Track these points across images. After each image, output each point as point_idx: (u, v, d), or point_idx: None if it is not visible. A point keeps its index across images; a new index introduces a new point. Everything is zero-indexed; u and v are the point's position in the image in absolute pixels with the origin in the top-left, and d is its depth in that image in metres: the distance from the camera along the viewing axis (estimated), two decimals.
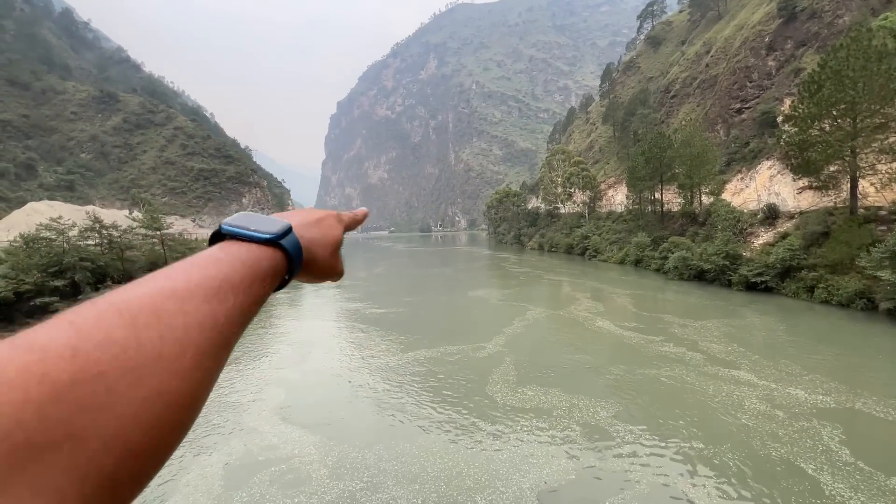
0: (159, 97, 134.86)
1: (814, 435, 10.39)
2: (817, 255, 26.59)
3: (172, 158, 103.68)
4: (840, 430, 10.56)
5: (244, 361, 17.99)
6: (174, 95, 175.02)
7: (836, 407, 11.81)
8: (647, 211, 53.65)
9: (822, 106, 26.35)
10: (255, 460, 10.31)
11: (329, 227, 0.77)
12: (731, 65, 53.16)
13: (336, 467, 9.87)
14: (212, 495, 9.03)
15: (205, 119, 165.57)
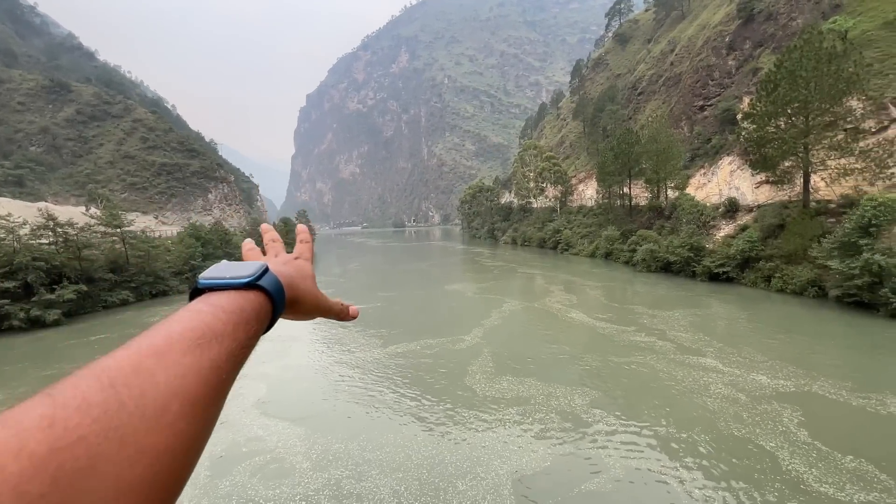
0: (116, 87, 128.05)
1: (774, 417, 11.04)
2: (774, 247, 28.07)
3: (132, 152, 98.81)
4: (799, 412, 11.24)
5: None
6: (132, 86, 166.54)
7: (795, 391, 12.56)
8: (616, 205, 55.12)
9: (778, 104, 27.71)
10: (240, 451, 10.35)
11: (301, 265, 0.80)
12: (694, 63, 55.08)
13: (320, 458, 9.97)
14: (197, 486, 9.04)
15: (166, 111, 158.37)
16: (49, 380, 9.60)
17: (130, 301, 32.23)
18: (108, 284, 31.50)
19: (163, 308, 30.34)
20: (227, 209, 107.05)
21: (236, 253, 41.29)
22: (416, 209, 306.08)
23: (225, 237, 47.36)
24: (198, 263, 39.97)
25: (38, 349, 21.04)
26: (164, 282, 35.91)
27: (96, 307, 29.76)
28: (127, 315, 28.64)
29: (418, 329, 21.50)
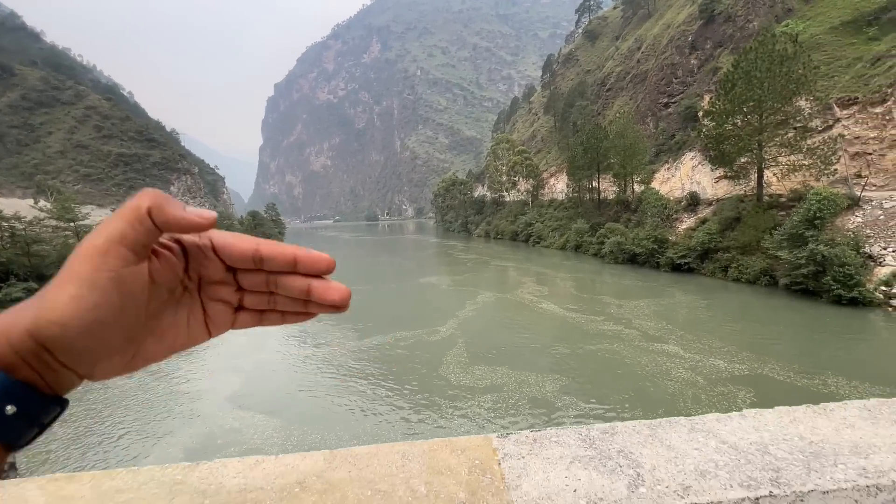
0: (65, 72, 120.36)
1: (729, 398, 11.82)
2: (731, 239, 29.63)
3: (85, 142, 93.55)
4: (752, 393, 12.05)
5: (195, 353, 17.40)
6: (84, 70, 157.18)
7: (749, 374, 13.40)
8: (585, 199, 56.54)
9: (735, 103, 29.12)
10: (215, 444, 10.38)
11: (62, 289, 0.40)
12: (659, 61, 56.89)
13: (297, 449, 9.92)
14: None
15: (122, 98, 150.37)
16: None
17: None
18: None
19: None
20: (192, 202, 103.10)
21: None
22: (389, 202, 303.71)
23: None
24: None
25: None
26: None
27: None
28: None
29: (393, 321, 21.61)
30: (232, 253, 0.46)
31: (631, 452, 1.00)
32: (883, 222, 23.38)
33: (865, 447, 0.97)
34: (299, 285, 0.49)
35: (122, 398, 13.45)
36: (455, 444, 1.04)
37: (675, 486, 0.92)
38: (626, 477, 0.93)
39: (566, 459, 0.99)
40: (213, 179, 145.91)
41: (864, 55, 30.22)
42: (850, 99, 28.69)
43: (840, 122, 28.96)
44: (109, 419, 12.10)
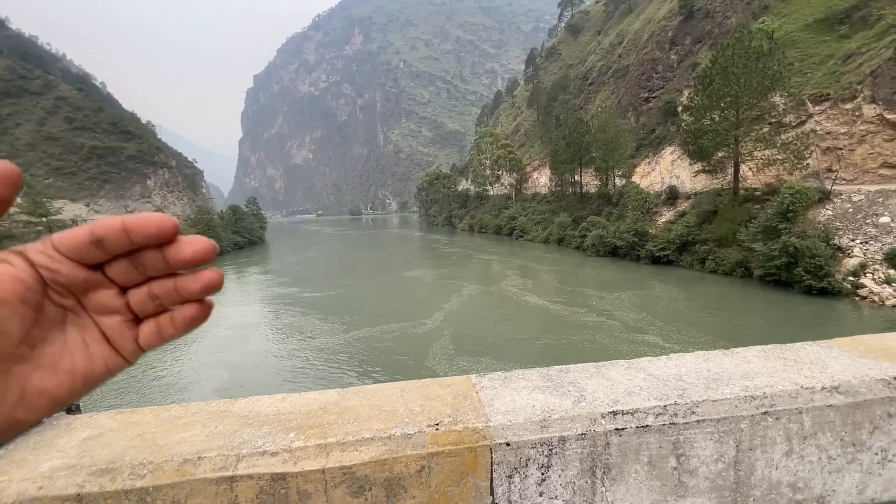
0: (33, 61, 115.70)
1: None
2: (708, 231, 30.59)
3: (56, 133, 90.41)
4: None
5: (182, 345, 17.49)
6: (53, 59, 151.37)
7: None
8: (568, 192, 57.33)
9: (713, 98, 29.93)
10: None
11: None
12: (640, 56, 57.79)
13: None
14: None
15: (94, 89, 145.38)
16: None
17: None
18: None
19: None
20: (169, 196, 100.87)
21: None
22: (372, 196, 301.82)
23: None
24: None
25: None
26: None
27: None
28: None
29: (379, 315, 21.78)
30: (70, 244, 0.40)
31: (579, 383, 1.30)
32: (851, 215, 24.49)
33: (753, 374, 1.28)
34: (154, 257, 0.42)
35: (110, 390, 13.42)
36: (442, 381, 1.32)
37: (607, 401, 1.20)
38: (572, 397, 1.23)
39: (529, 388, 1.27)
40: (191, 173, 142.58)
41: (836, 52, 31.35)
42: (822, 95, 29.77)
43: (812, 118, 30.06)
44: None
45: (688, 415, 1.15)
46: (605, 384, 1.29)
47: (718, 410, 1.16)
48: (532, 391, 1.27)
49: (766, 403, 1.17)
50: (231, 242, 61.92)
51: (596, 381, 1.32)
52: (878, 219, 23.27)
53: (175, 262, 0.42)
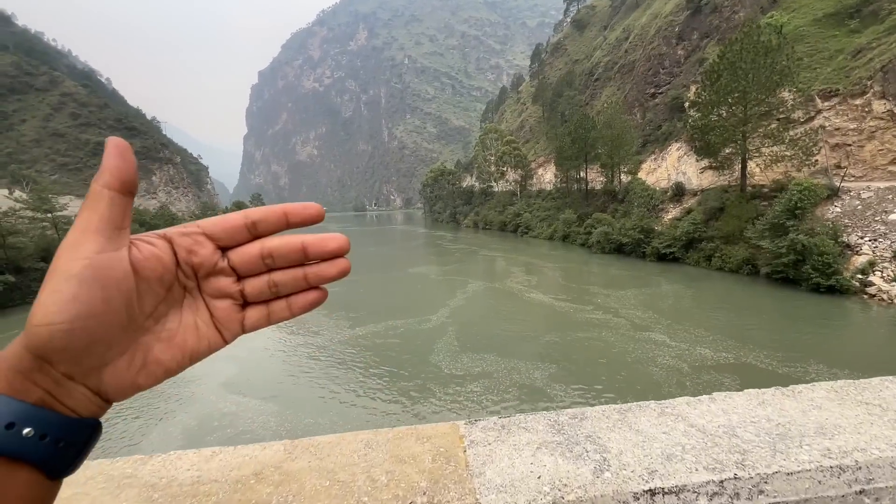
0: (38, 57, 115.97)
1: (715, 385, 12.02)
2: (714, 228, 30.09)
3: (61, 130, 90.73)
4: (737, 381, 12.23)
5: None
6: (58, 56, 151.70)
7: (734, 362, 13.60)
8: (573, 189, 56.80)
9: (721, 94, 29.36)
10: (212, 425, 10.74)
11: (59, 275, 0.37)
12: (647, 51, 57.00)
13: (292, 432, 10.35)
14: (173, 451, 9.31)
15: (100, 85, 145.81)
16: None
17: None
18: (40, 274, 29.14)
19: None
20: (174, 192, 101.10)
21: None
22: (377, 193, 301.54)
23: (172, 222, 44.89)
24: None
25: None
26: None
27: (26, 299, 27.59)
28: None
29: (384, 311, 21.68)
30: (224, 226, 0.46)
31: (599, 437, 0.99)
32: (860, 212, 23.95)
33: (831, 428, 0.97)
34: (293, 244, 0.48)
35: None
36: (421, 432, 1.02)
37: (640, 470, 0.91)
38: (591, 462, 0.92)
39: (533, 445, 0.97)
40: (196, 169, 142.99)
41: (846, 47, 30.65)
42: (832, 91, 29.13)
43: (821, 114, 29.42)
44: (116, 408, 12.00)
45: (754, 495, 0.84)
46: (635, 440, 0.98)
47: (797, 489, 0.84)
48: (537, 450, 0.96)
49: (862, 478, 0.85)
50: None
51: (621, 433, 1.01)
52: (888, 216, 22.73)
53: (319, 253, 0.49)
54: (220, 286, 0.47)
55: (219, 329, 0.48)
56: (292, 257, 0.48)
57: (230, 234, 0.46)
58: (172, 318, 0.45)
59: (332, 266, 0.50)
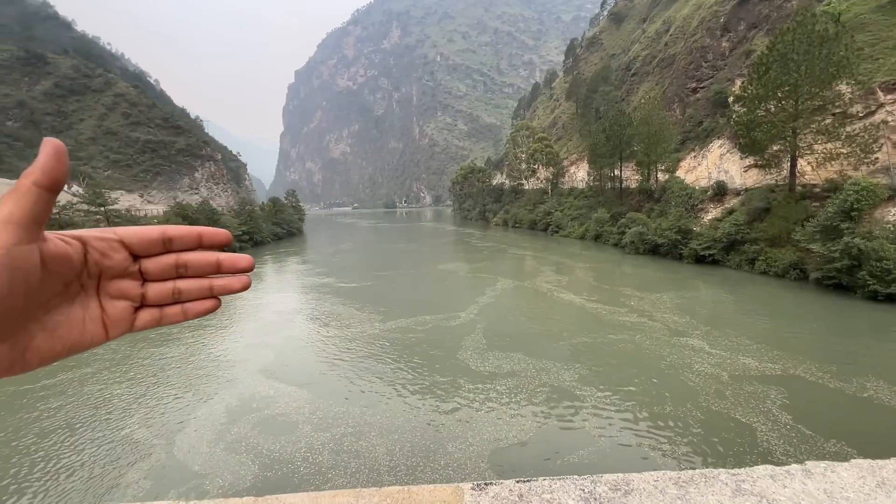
0: (95, 60, 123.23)
1: (757, 397, 11.27)
2: (759, 230, 28.56)
3: (114, 128, 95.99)
4: (783, 394, 11.36)
5: (232, 326, 19.39)
6: (112, 59, 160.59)
7: (781, 374, 12.67)
8: (607, 187, 55.32)
9: (769, 88, 27.76)
10: (251, 407, 11.41)
11: None
12: (689, 44, 54.66)
13: (324, 417, 10.79)
14: (215, 430, 10.43)
15: (149, 86, 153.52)
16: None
17: None
18: None
19: None
20: (215, 188, 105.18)
21: None
22: (407, 190, 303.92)
23: (212, 217, 46.74)
24: None
25: None
26: None
27: None
28: None
29: (413, 306, 21.81)
30: (141, 238, 0.49)
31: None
32: None
33: None
34: (209, 259, 0.53)
35: (169, 364, 14.71)
36: (412, 497, 0.78)
37: None
38: None
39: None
40: (235, 166, 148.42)
41: None
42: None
43: (884, 108, 27.34)
44: (163, 381, 13.41)
45: None
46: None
47: None
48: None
49: None
50: (271, 233, 63.74)
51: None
52: None
53: (230, 268, 0.55)
54: (123, 288, 0.50)
55: (106, 327, 0.50)
56: (205, 270, 0.53)
57: (146, 246, 0.49)
58: (62, 311, 0.47)
59: (238, 280, 0.56)
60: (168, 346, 16.91)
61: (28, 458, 9.42)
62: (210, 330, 19.45)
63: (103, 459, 9.32)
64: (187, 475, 8.86)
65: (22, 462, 9.30)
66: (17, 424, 10.99)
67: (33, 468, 9.07)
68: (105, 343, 0.51)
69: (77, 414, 11.45)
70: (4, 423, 11.09)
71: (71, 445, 9.92)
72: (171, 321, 0.54)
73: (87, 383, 13.53)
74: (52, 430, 10.59)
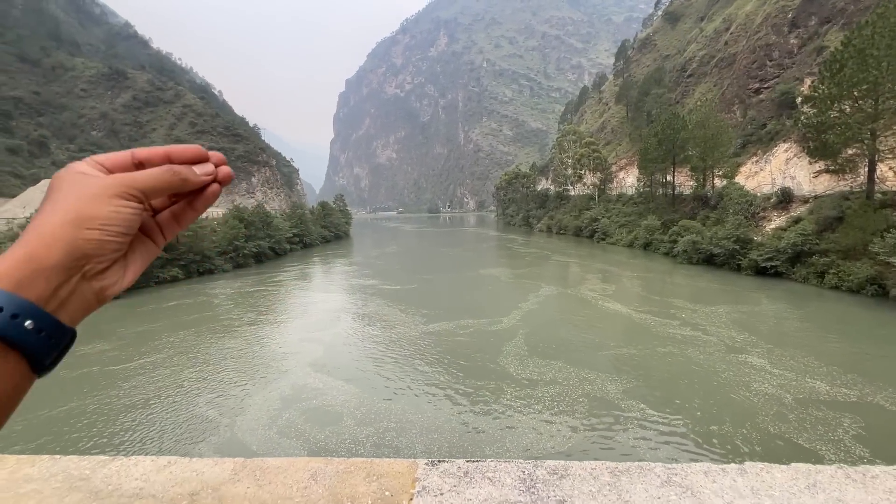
0: (167, 74, 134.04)
1: (829, 424, 10.18)
2: (830, 241, 26.20)
3: (182, 137, 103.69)
4: (860, 424, 10.15)
5: (285, 322, 21.07)
6: (182, 72, 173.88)
7: (857, 401, 11.35)
8: (658, 193, 52.93)
9: (844, 86, 25.54)
10: (301, 397, 12.28)
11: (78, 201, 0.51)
12: (752, 42, 51.38)
13: (368, 412, 11.25)
14: (270, 415, 11.27)
15: (213, 97, 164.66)
16: (113, 338, 15.72)
17: (180, 278, 34.31)
18: (161, 262, 33.62)
19: (207, 285, 32.11)
20: (269, 192, 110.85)
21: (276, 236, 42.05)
22: (451, 195, 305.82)
23: (266, 219, 49.22)
24: (241, 244, 41.87)
25: (102, 317, 22.90)
26: (210, 261, 37.92)
27: (150, 283, 31.87)
28: (176, 291, 30.54)
29: (455, 310, 21.98)
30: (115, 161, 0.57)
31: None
32: None
33: None
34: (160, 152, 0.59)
35: (230, 354, 16.12)
36: (374, 468, 0.90)
37: None
38: None
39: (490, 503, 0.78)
40: (288, 171, 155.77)
41: None
42: None
43: None
44: (225, 368, 14.72)
45: None
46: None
47: None
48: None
49: None
50: (319, 236, 66.24)
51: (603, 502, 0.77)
52: None
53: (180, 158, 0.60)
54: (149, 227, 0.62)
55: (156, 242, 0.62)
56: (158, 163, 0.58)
57: (120, 167, 0.56)
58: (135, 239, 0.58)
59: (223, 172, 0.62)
60: (228, 338, 18.20)
61: (114, 428, 10.78)
62: (265, 324, 20.65)
63: (179, 431, 10.59)
64: (246, 453, 9.54)
65: (111, 430, 10.65)
66: (102, 400, 12.38)
67: (121, 435, 10.37)
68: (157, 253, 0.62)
69: (153, 393, 12.72)
70: (93, 398, 12.46)
71: (148, 420, 11.17)
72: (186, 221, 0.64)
73: (160, 367, 14.90)
74: (132, 406, 11.93)
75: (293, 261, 46.08)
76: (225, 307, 24.62)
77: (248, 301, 26.20)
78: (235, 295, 28.27)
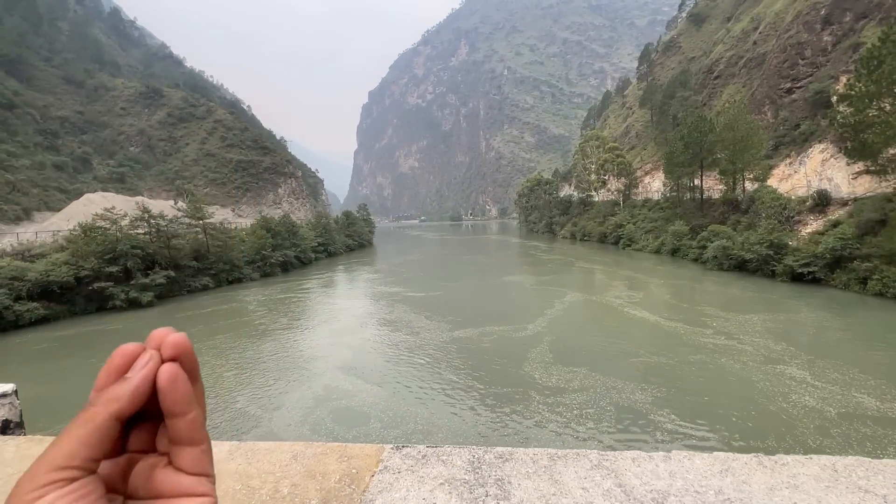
0: (200, 91, 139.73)
1: (876, 441, 9.53)
2: (872, 245, 24.93)
3: (213, 150, 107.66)
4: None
5: (315, 327, 21.60)
6: (214, 89, 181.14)
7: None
8: (685, 198, 51.58)
9: (882, 83, 24.44)
10: (331, 397, 12.77)
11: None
12: (782, 41, 49.79)
13: (395, 415, 11.47)
14: (303, 413, 11.83)
15: (242, 111, 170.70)
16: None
17: (210, 287, 35.42)
18: (192, 271, 34.84)
19: (238, 293, 33.00)
20: (295, 202, 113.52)
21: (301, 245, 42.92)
22: (473, 203, 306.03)
23: (292, 229, 50.40)
24: (268, 253, 42.94)
25: (135, 325, 23.85)
26: (239, 269, 39.03)
27: (181, 291, 33.02)
28: (207, 299, 31.52)
29: (479, 316, 21.99)
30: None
31: (509, 483, 0.90)
32: None
33: None
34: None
35: (265, 356, 16.87)
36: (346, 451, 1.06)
37: None
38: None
39: (438, 481, 0.93)
40: (313, 182, 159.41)
41: None
42: None
43: None
44: (262, 369, 15.42)
45: None
46: (545, 493, 0.83)
47: None
48: (439, 486, 0.91)
49: None
50: (344, 245, 67.38)
51: (536, 483, 0.86)
52: None
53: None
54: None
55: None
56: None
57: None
58: None
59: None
60: (262, 341, 18.88)
61: None
62: (296, 329, 21.25)
63: (227, 426, 11.23)
64: None
65: None
66: None
67: None
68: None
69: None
70: None
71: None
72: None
73: (202, 368, 15.34)
74: None
75: (319, 269, 46.94)
76: (258, 313, 25.29)
77: (279, 307, 26.86)
78: (266, 301, 29.01)
